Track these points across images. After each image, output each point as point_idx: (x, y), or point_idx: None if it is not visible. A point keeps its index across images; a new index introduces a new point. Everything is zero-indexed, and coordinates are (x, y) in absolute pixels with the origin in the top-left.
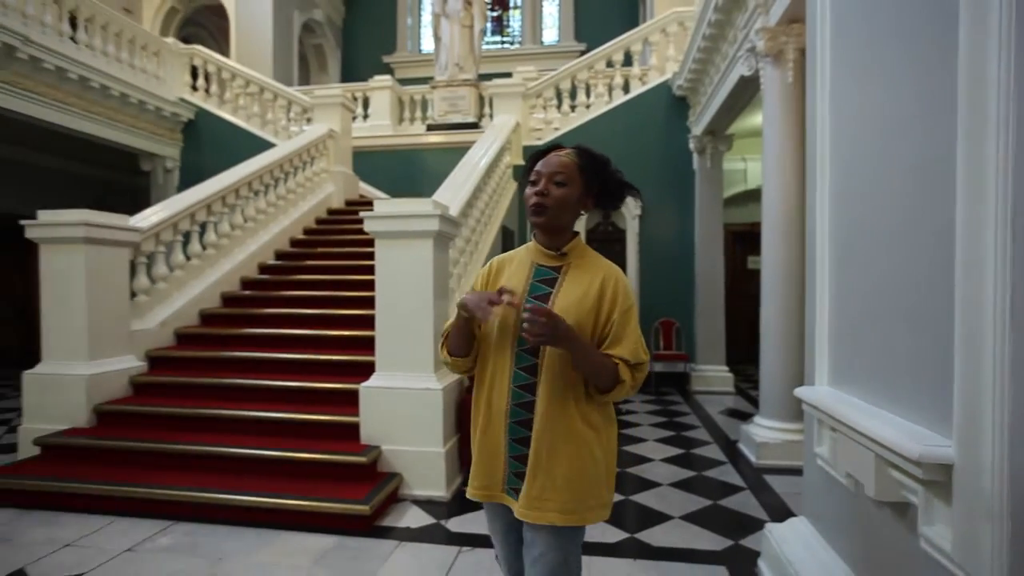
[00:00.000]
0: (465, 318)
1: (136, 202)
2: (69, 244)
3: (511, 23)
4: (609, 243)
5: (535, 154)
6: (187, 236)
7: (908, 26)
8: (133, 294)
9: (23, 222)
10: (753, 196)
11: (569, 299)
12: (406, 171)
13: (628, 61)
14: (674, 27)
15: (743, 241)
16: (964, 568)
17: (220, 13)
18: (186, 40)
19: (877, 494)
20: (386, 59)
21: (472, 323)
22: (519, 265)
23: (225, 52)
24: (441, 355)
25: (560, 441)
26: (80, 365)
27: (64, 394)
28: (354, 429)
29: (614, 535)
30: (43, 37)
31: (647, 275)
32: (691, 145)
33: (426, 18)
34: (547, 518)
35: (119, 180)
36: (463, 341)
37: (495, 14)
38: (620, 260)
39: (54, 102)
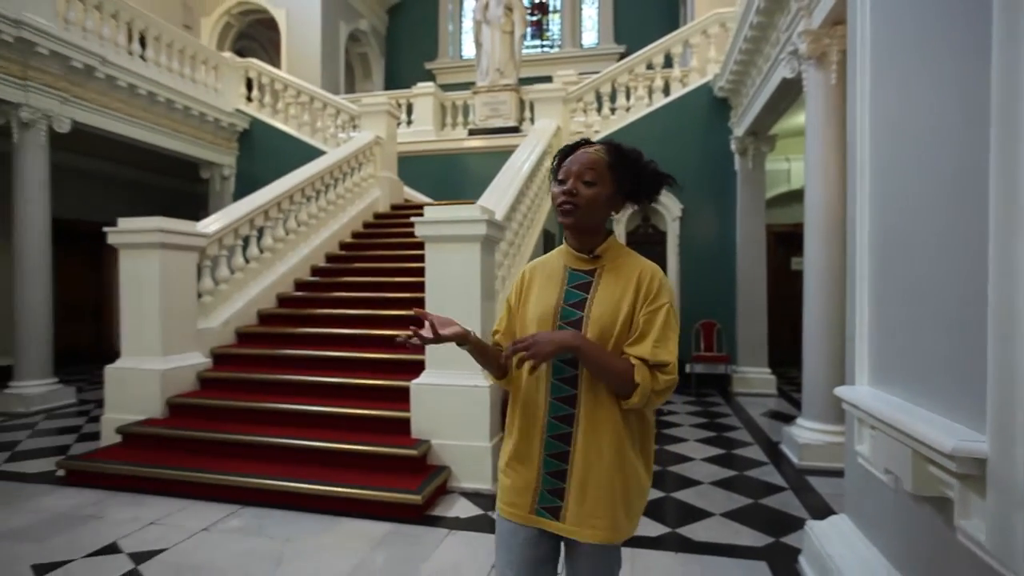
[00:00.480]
0: (471, 350)
1: (193, 208)
2: (146, 249)
3: (550, 27)
4: (650, 245)
5: (562, 150)
6: (246, 240)
7: (947, 36)
8: (199, 295)
9: (106, 228)
10: (796, 197)
11: (604, 305)
12: (449, 175)
13: (668, 63)
14: (715, 28)
15: (786, 242)
16: (998, 558)
17: (271, 26)
18: (240, 52)
19: (915, 489)
20: (428, 65)
21: (481, 348)
22: (552, 272)
23: (275, 62)
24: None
25: (605, 453)
26: (155, 361)
27: (141, 387)
28: (405, 424)
29: (656, 529)
30: (117, 57)
31: (688, 277)
32: (732, 146)
33: (467, 24)
34: (598, 536)
35: (177, 187)
36: (487, 364)
37: (535, 19)
38: (661, 262)
39: (127, 116)
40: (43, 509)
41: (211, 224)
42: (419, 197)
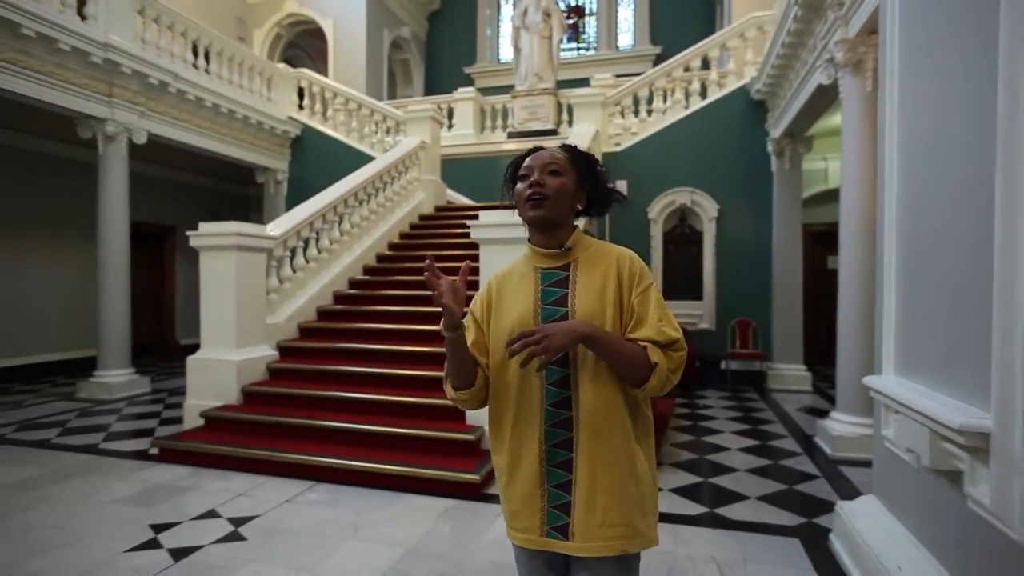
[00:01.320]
0: (454, 339)
1: (243, 210)
2: (223, 251)
3: (586, 30)
4: (686, 245)
5: (517, 158)
6: (306, 242)
7: (967, 53)
8: (267, 293)
9: (188, 232)
10: (833, 196)
11: (588, 297)
12: (488, 177)
13: (705, 65)
14: (752, 31)
15: (823, 241)
16: (999, 517)
17: (316, 35)
18: (287, 61)
19: (932, 463)
20: (467, 70)
21: (464, 344)
22: (521, 277)
23: (320, 70)
24: (447, 391)
25: (609, 455)
26: (231, 352)
27: (219, 376)
28: (460, 412)
29: (695, 509)
30: (186, 72)
31: (724, 275)
32: (769, 148)
33: (504, 29)
34: (616, 547)
35: (227, 190)
36: (461, 367)
37: (571, 22)
38: (697, 261)
39: (194, 127)
40: (146, 481)
41: (276, 228)
42: (460, 199)
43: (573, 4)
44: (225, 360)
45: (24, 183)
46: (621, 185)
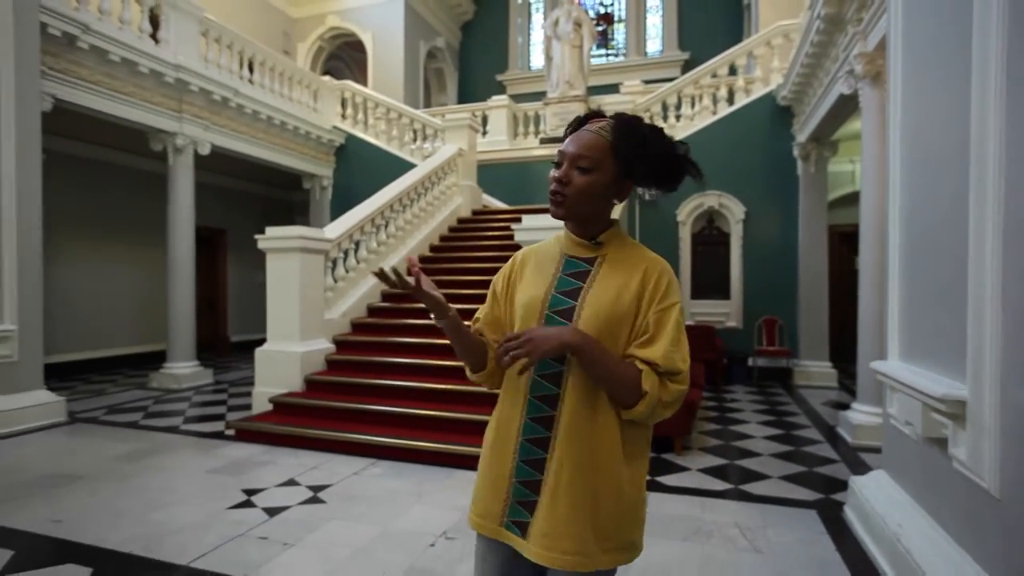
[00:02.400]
0: (448, 326)
1: (288, 214)
2: (288, 253)
3: (615, 36)
4: (713, 246)
5: (571, 124)
6: (357, 245)
7: (950, 81)
8: (324, 291)
9: (257, 236)
10: (859, 198)
11: (602, 297)
12: (521, 181)
13: (732, 71)
14: (779, 39)
15: (850, 242)
16: (973, 471)
17: (355, 47)
18: (328, 72)
19: (924, 432)
20: (499, 77)
21: (461, 329)
22: (547, 257)
23: (359, 79)
24: (468, 376)
25: (586, 466)
26: (295, 345)
27: (284, 366)
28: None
29: (720, 486)
30: (243, 87)
31: (750, 275)
32: (795, 152)
33: (535, 36)
34: (570, 562)
35: (273, 195)
36: (465, 351)
37: (600, 29)
38: (724, 262)
39: (250, 137)
40: (228, 456)
41: (332, 231)
42: (495, 203)
43: (602, 12)
44: (290, 352)
45: (100, 192)
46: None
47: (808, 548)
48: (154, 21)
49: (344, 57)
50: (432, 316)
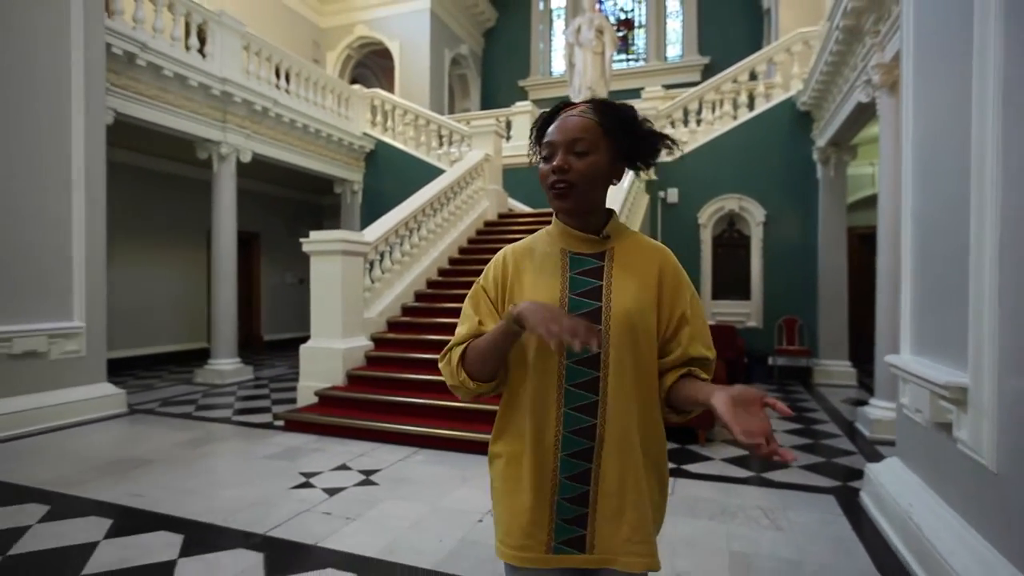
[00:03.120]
0: (515, 334)
1: (317, 217)
2: (331, 255)
3: (636, 41)
4: (734, 248)
5: (540, 119)
6: (391, 247)
7: (955, 97)
8: (363, 291)
9: (302, 239)
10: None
11: (627, 295)
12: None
13: (752, 76)
14: (799, 46)
15: (870, 243)
16: (974, 450)
17: (381, 55)
18: (354, 79)
19: (932, 417)
20: (521, 83)
21: (514, 342)
22: (545, 257)
23: (385, 86)
24: (454, 374)
25: (640, 467)
26: (337, 342)
27: (327, 362)
28: None
29: (743, 473)
30: (283, 97)
31: (771, 277)
32: (815, 156)
33: (556, 43)
34: (644, 563)
35: (302, 199)
36: (496, 363)
37: (621, 34)
38: (745, 263)
39: (287, 145)
40: (280, 444)
41: (370, 234)
42: (519, 206)
43: (622, 17)
44: (333, 348)
45: (144, 198)
46: (672, 194)
47: (825, 527)
48: (199, 35)
49: (370, 64)
50: (523, 325)
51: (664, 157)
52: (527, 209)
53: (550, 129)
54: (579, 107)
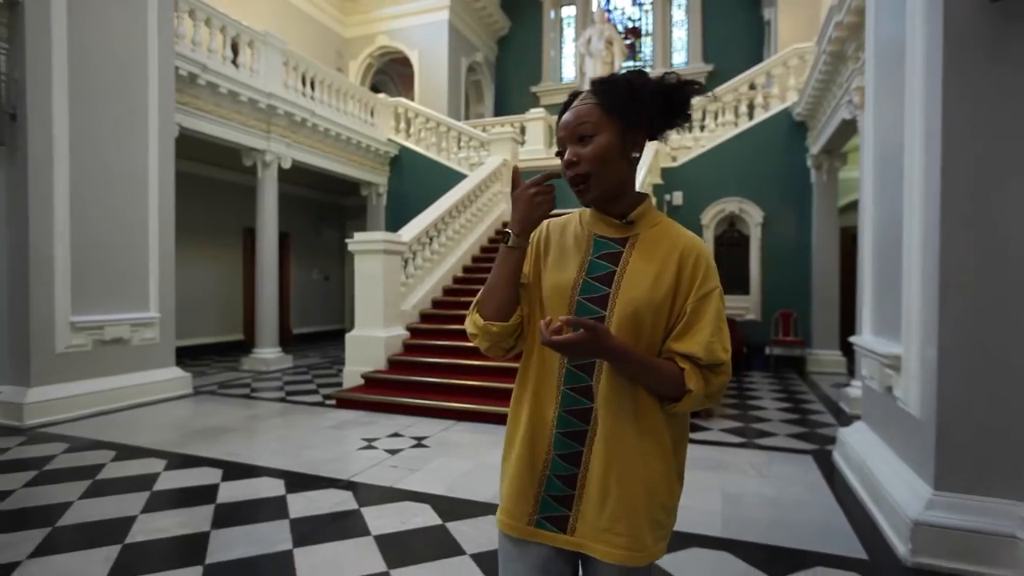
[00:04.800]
0: (510, 249)
1: (341, 218)
2: (373, 254)
3: (643, 49)
4: (735, 247)
5: (559, 115)
6: (423, 246)
7: (899, 121)
8: (400, 286)
9: (347, 239)
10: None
11: (638, 284)
12: (558, 187)
13: (751, 86)
14: (795, 61)
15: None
16: (905, 403)
17: (400, 62)
18: (374, 86)
19: (880, 384)
20: (533, 89)
21: (520, 265)
22: (572, 237)
23: (403, 92)
24: (474, 322)
25: (634, 459)
26: (380, 331)
27: (371, 348)
28: None
29: (737, 440)
30: (319, 108)
31: (768, 273)
32: (809, 162)
33: (567, 50)
34: (619, 556)
35: (328, 200)
36: (507, 290)
37: (628, 42)
38: (744, 261)
39: (322, 152)
40: (336, 418)
41: (406, 234)
42: None
43: (630, 26)
44: (376, 336)
45: (187, 201)
46: (677, 197)
47: (801, 476)
48: (234, 47)
49: (389, 72)
50: (510, 229)
51: (670, 163)
52: None
53: (559, 130)
54: (583, 94)
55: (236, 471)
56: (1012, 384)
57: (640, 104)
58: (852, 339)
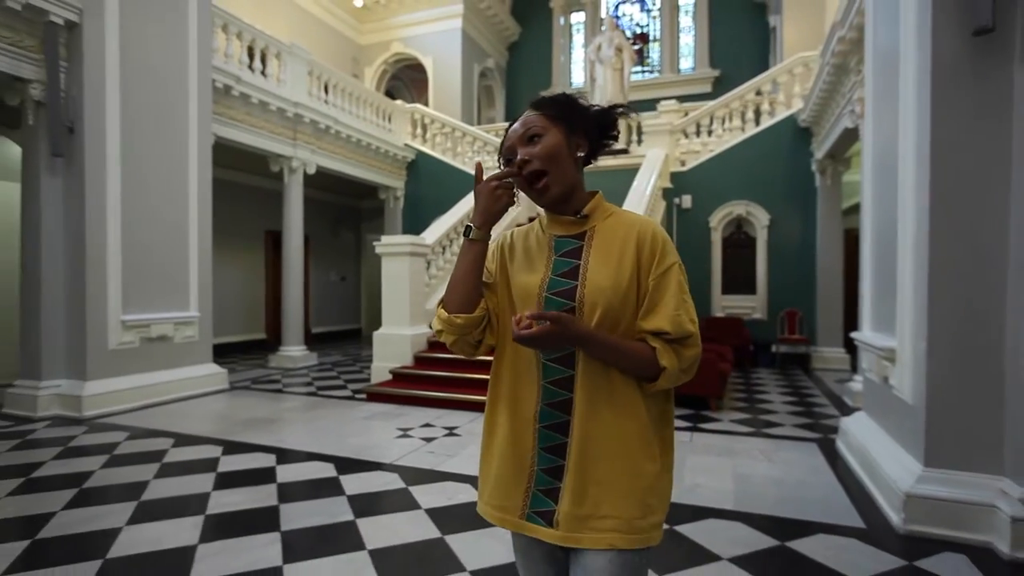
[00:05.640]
0: (478, 242)
1: (357, 220)
2: (400, 256)
3: (651, 54)
4: (742, 248)
5: (501, 144)
6: (443, 248)
7: (894, 130)
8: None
9: (375, 242)
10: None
11: (602, 271)
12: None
13: (757, 92)
14: (799, 69)
15: None
16: (900, 391)
17: (413, 68)
18: (389, 91)
19: (879, 375)
20: (543, 93)
21: (483, 259)
22: (534, 242)
23: (416, 97)
24: (439, 318)
25: (614, 442)
26: (406, 329)
27: (398, 345)
28: None
29: (746, 430)
30: (342, 116)
31: (774, 273)
32: (813, 167)
33: (576, 55)
34: (607, 540)
35: (346, 204)
36: (470, 281)
37: (637, 48)
38: (751, 262)
39: (343, 157)
40: (368, 411)
41: (429, 237)
42: (543, 211)
43: (639, 31)
44: (402, 334)
45: (215, 205)
46: (686, 200)
47: (806, 460)
48: (259, 56)
49: (402, 77)
50: (472, 222)
51: (679, 167)
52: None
53: (505, 143)
54: (525, 112)
55: (288, 456)
56: (990, 373)
57: (577, 113)
58: (853, 334)
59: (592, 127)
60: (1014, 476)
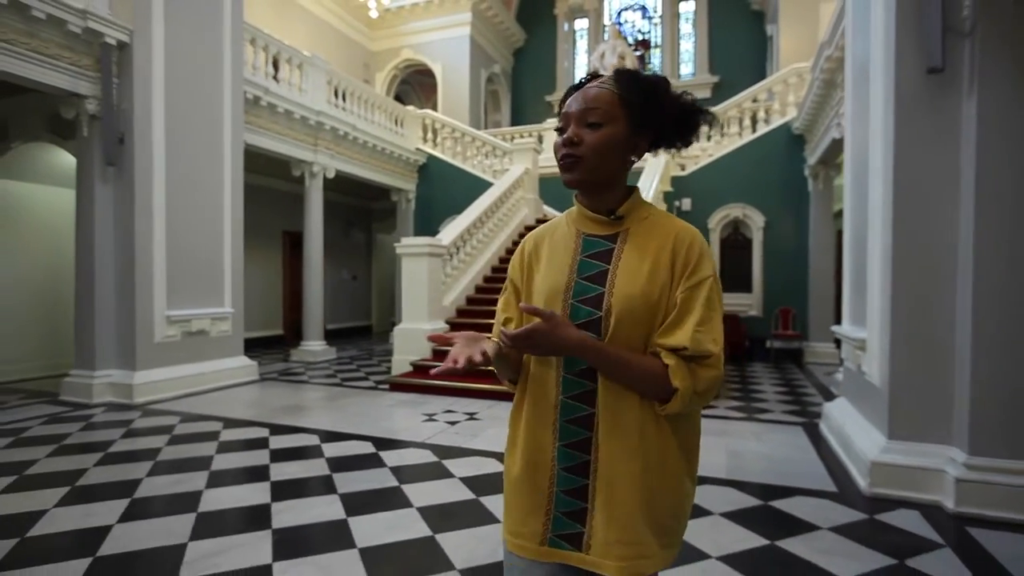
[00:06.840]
0: (498, 357)
1: (367, 221)
2: (419, 256)
3: (652, 60)
4: (738, 249)
5: (567, 92)
6: (458, 248)
7: (866, 142)
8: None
9: (395, 244)
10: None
11: (633, 281)
12: (570, 193)
13: (754, 100)
14: (793, 79)
15: None
16: (870, 376)
17: (422, 73)
18: (398, 95)
19: (854, 363)
20: (547, 98)
21: (506, 358)
22: (561, 239)
23: (424, 101)
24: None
25: (639, 463)
26: (425, 324)
27: (416, 340)
28: None
29: (738, 414)
30: (360, 122)
31: (769, 273)
32: (806, 172)
33: (579, 60)
34: (622, 569)
35: (358, 205)
36: (508, 371)
37: (638, 54)
38: (747, 262)
39: (359, 161)
40: (393, 400)
41: (445, 238)
42: (552, 212)
43: (640, 38)
44: (421, 328)
45: None
46: (686, 203)
47: (791, 440)
48: (275, 64)
49: (411, 81)
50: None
51: (679, 172)
52: (558, 215)
53: (568, 100)
54: (602, 78)
55: (329, 436)
56: (941, 360)
57: (655, 107)
58: (834, 328)
59: (668, 126)
60: (960, 445)
